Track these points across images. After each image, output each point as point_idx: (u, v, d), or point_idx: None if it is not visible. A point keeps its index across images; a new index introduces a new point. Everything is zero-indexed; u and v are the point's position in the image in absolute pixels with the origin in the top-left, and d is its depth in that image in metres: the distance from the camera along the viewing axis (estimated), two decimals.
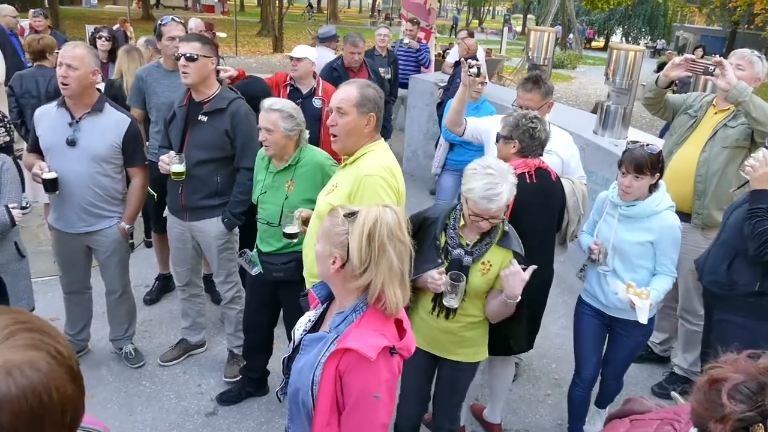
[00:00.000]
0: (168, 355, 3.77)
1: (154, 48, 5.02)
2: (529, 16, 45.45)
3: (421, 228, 2.57)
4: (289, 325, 3.01)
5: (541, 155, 2.97)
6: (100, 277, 3.56)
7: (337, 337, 1.71)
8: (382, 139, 2.62)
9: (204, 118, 3.24)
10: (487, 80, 5.28)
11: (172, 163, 3.18)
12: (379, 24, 16.66)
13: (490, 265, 2.50)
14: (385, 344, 1.66)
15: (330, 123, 2.51)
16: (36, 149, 3.26)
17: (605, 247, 2.93)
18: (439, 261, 2.49)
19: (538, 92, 3.33)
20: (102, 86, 5.02)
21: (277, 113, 2.86)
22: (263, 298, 3.22)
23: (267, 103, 2.93)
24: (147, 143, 4.21)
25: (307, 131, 3.07)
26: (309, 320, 1.93)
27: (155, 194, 4.02)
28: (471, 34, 7.04)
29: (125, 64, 4.69)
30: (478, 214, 2.36)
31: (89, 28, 13.57)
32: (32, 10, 7.03)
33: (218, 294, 3.73)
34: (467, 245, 2.50)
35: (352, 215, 1.72)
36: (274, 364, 3.47)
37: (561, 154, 3.34)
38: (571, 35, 29.78)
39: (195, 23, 6.60)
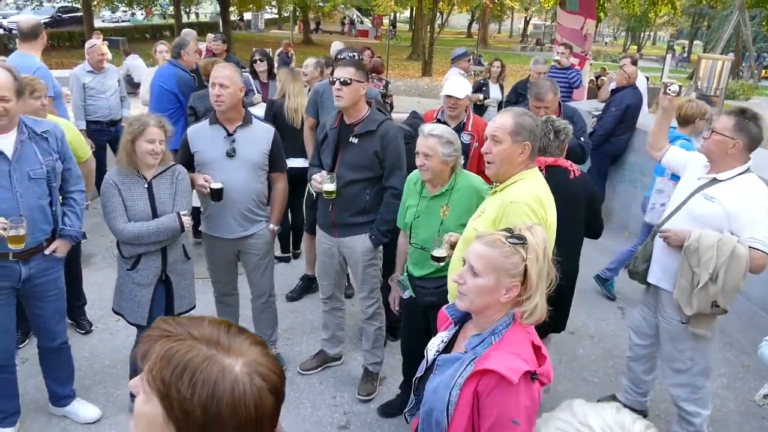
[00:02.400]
0: (307, 364, 3.91)
1: (321, 70, 5.31)
2: (695, 42, 42.35)
3: None
4: None
5: (546, 154, 3.14)
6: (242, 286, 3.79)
7: (474, 359, 1.71)
8: (537, 167, 2.56)
9: (355, 140, 3.36)
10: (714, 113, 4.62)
11: (324, 182, 3.33)
12: (530, 49, 16.37)
13: None
14: (527, 368, 1.64)
15: (484, 151, 2.51)
16: (186, 166, 3.42)
17: None
18: None
19: (733, 120, 2.89)
20: (260, 107, 5.41)
21: (435, 139, 2.88)
22: (416, 322, 3.24)
23: (427, 128, 2.97)
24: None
25: (462, 158, 3.06)
26: (442, 341, 1.95)
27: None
28: (634, 62, 6.67)
29: (289, 85, 4.91)
30: None
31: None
32: (212, 35, 7.77)
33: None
34: None
35: (521, 241, 1.71)
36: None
37: (725, 205, 2.88)
38: (744, 63, 27.21)
39: (338, 47, 6.93)
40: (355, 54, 4.35)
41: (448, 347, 1.92)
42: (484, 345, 1.73)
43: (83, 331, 4.18)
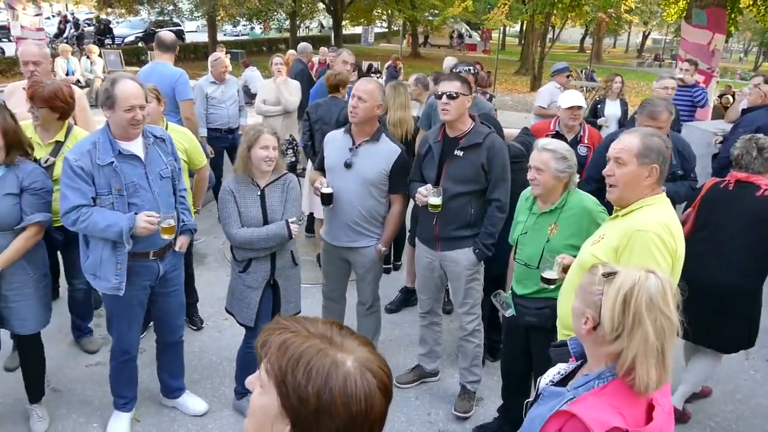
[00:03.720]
0: (403, 378, 3.89)
1: (423, 86, 5.31)
2: None
3: None
4: (537, 373, 2.90)
5: (748, 171, 3.28)
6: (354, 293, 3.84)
7: (572, 399, 1.61)
8: (664, 193, 2.39)
9: (460, 153, 3.33)
10: None
11: (430, 196, 3.31)
12: (647, 65, 15.55)
13: None
14: (618, 425, 1.48)
15: (606, 173, 2.38)
16: (321, 168, 3.70)
17: None
18: None
19: None
20: None
21: (549, 153, 2.81)
22: (517, 342, 3.15)
23: (541, 142, 2.90)
24: None
25: (577, 175, 2.94)
26: (559, 372, 1.85)
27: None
28: (767, 80, 6.14)
29: (391, 99, 4.82)
30: None
31: (365, 64, 15.36)
32: (330, 47, 8.07)
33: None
34: None
35: (610, 275, 1.60)
36: None
37: None
38: None
39: (450, 62, 6.90)
40: (470, 68, 4.37)
41: (566, 380, 1.81)
42: (587, 387, 1.62)
43: (195, 328, 4.42)
